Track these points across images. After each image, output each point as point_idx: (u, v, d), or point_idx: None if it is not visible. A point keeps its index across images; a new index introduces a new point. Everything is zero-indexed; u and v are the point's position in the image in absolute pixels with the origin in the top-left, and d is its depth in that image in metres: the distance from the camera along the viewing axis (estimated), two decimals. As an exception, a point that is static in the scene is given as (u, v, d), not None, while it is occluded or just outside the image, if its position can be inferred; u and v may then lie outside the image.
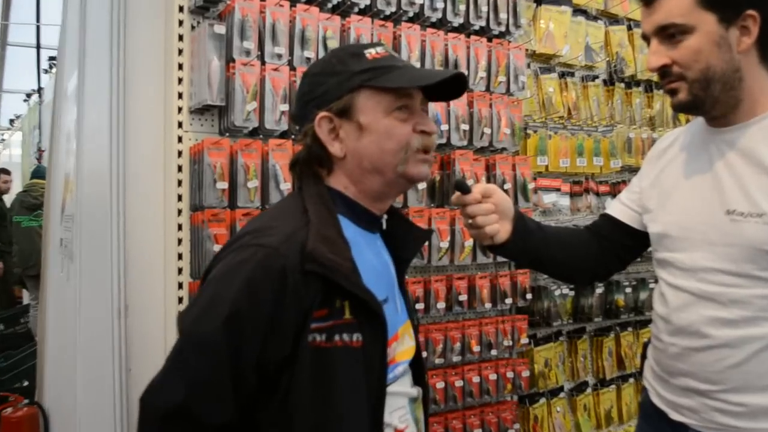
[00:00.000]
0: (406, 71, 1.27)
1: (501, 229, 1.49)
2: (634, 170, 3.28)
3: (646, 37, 1.42)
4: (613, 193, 3.22)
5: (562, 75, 3.13)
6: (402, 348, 1.31)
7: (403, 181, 1.27)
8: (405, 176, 1.26)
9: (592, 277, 1.76)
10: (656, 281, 1.53)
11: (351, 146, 1.24)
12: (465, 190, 1.45)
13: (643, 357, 1.63)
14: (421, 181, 1.41)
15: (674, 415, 1.46)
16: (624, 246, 1.64)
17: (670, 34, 1.36)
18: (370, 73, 1.23)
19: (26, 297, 7.59)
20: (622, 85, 3.36)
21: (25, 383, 4.61)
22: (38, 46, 8.80)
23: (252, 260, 1.12)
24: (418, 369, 1.38)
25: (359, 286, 1.15)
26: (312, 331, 1.12)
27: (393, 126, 1.23)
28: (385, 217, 1.35)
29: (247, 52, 2.12)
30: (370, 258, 1.26)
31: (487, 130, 2.65)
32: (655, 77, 3.32)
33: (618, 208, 1.65)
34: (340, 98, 1.22)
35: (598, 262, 1.65)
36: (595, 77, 3.26)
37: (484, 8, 2.67)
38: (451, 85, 1.30)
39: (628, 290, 3.20)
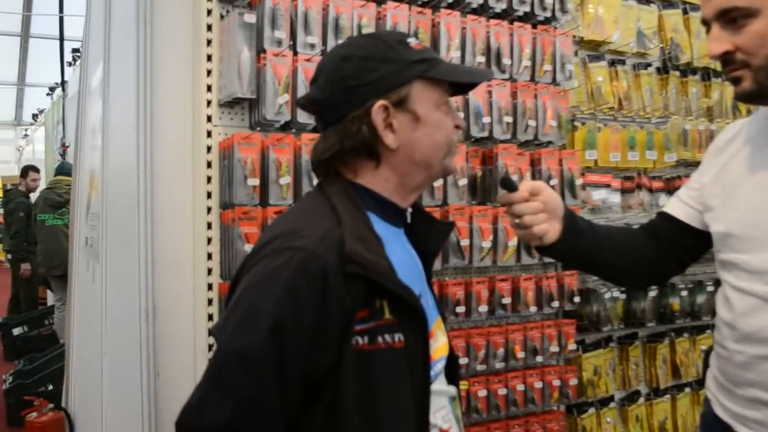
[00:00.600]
0: (452, 66, 1.37)
1: (550, 229, 1.48)
2: (689, 165, 3.24)
3: (706, 22, 1.38)
4: (668, 190, 3.18)
5: (612, 63, 3.09)
6: (437, 345, 1.33)
7: (441, 174, 1.34)
8: (446, 170, 1.32)
9: (648, 280, 1.73)
10: (715, 283, 1.50)
11: (405, 138, 1.25)
12: (511, 187, 1.44)
13: (705, 365, 1.60)
14: (453, 174, 1.45)
15: (740, 428, 1.43)
16: (683, 247, 1.61)
17: (732, 18, 1.32)
18: (425, 65, 1.26)
19: (50, 298, 7.76)
20: (677, 73, 3.30)
21: (50, 387, 4.70)
22: (62, 38, 8.97)
23: (289, 265, 1.11)
24: (451, 367, 1.39)
25: (399, 285, 1.17)
26: (355, 334, 1.13)
27: (443, 119, 1.28)
28: (410, 210, 1.37)
29: (279, 42, 2.13)
30: (401, 253, 1.28)
31: (532, 123, 2.63)
32: (712, 64, 3.27)
33: (677, 206, 1.62)
34: (399, 88, 1.24)
35: (655, 265, 1.62)
36: (648, 65, 3.21)
37: (529, -8, 2.65)
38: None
39: (684, 293, 3.14)
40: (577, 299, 2.76)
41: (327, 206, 1.23)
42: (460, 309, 2.48)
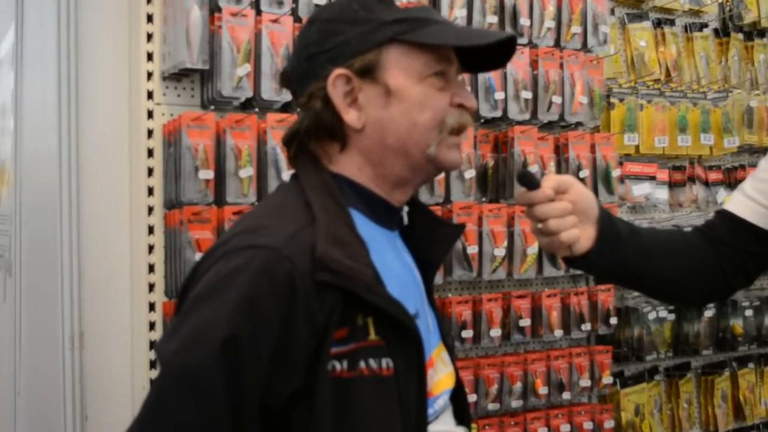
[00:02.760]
0: (449, 27, 1.32)
1: (581, 236, 1.47)
2: (756, 151, 3.24)
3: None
4: (728, 183, 3.19)
5: (657, 24, 3.10)
6: (438, 377, 1.32)
7: (431, 167, 1.30)
8: (436, 161, 1.29)
9: (708, 296, 1.73)
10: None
11: (373, 116, 1.25)
12: (532, 184, 1.43)
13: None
14: (452, 170, 1.44)
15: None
16: (750, 254, 1.60)
17: None
18: (405, 25, 1.25)
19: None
20: (740, 35, 3.31)
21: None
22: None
23: (248, 267, 1.12)
24: (460, 403, 1.39)
25: (386, 298, 1.16)
26: (331, 358, 1.13)
27: (429, 95, 1.26)
28: (406, 209, 1.37)
29: (238, -1, 2.13)
30: (393, 262, 1.28)
31: (557, 99, 2.63)
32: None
33: (741, 203, 1.62)
34: (364, 53, 1.24)
35: (716, 277, 1.61)
36: (704, 26, 3.22)
37: (553, -65, 2.65)
38: (496, 53, 1.33)
39: (749, 313, 3.15)
40: (613, 321, 2.76)
41: (301, 201, 1.23)
42: (467, 333, 2.48)
